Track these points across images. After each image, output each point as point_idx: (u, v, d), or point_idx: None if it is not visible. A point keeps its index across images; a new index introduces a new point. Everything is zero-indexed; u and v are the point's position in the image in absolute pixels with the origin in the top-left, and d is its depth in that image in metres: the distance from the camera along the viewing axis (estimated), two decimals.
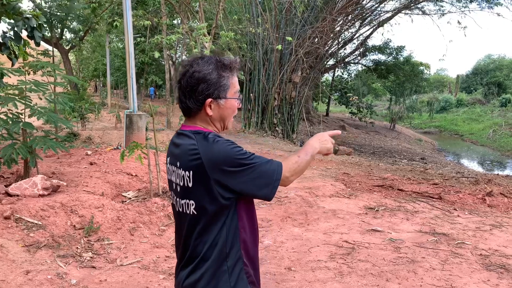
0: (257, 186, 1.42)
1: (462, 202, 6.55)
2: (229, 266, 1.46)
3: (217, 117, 1.53)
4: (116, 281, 3.53)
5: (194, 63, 1.49)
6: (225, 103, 1.52)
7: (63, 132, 11.07)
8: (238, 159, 1.40)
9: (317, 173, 9.11)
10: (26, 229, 4.05)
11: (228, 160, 1.40)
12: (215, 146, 1.42)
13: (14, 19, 6.20)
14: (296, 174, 1.51)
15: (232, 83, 1.53)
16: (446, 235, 4.99)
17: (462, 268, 4.01)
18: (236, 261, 1.48)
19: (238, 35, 13.40)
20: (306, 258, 4.25)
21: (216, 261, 1.45)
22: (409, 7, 20.21)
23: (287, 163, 1.50)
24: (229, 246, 1.46)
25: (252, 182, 1.41)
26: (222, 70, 1.50)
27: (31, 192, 4.67)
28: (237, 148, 1.43)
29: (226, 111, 1.54)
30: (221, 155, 1.40)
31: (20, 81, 5.00)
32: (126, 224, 4.63)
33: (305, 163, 1.54)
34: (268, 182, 1.43)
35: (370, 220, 5.65)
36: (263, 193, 1.44)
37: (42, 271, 3.49)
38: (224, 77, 1.50)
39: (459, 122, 31.83)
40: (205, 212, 1.46)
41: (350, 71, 30.93)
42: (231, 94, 1.53)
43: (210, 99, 1.48)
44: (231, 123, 1.60)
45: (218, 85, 1.49)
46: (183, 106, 1.52)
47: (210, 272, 1.45)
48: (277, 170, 1.45)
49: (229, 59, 1.53)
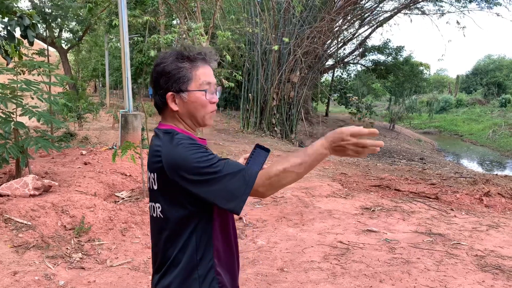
0: (222, 198, 1.29)
1: (459, 203, 6.49)
2: (200, 275, 1.38)
3: (185, 112, 1.42)
4: (104, 282, 3.48)
5: (159, 57, 1.43)
6: (188, 97, 1.40)
7: (60, 132, 11.01)
8: (199, 167, 1.28)
9: (314, 173, 9.06)
10: (15, 230, 4.00)
11: (187, 167, 1.29)
12: (175, 149, 1.32)
13: (8, 18, 6.16)
14: (275, 188, 1.32)
15: (195, 74, 1.40)
16: (442, 236, 4.93)
17: (457, 269, 3.95)
18: (208, 270, 1.39)
19: (236, 35, 13.36)
20: (300, 259, 4.19)
21: (186, 268, 1.37)
22: (409, 7, 20.17)
23: (265, 174, 1.31)
24: (200, 254, 1.38)
25: (216, 193, 1.28)
26: (180, 62, 1.39)
27: (22, 192, 4.62)
28: (200, 154, 1.31)
29: (191, 105, 1.41)
30: (180, 161, 1.30)
31: (11, 80, 4.95)
32: (118, 225, 4.58)
33: (294, 176, 1.31)
34: (235, 195, 1.28)
35: (366, 220, 5.59)
36: (229, 207, 1.30)
37: (30, 272, 3.44)
38: (183, 68, 1.39)
39: (458, 122, 31.75)
40: (171, 216, 1.38)
41: (350, 71, 30.90)
42: (195, 86, 1.40)
43: (170, 93, 1.39)
44: (207, 119, 1.47)
45: (177, 78, 1.38)
46: (154, 103, 1.46)
47: (180, 279, 1.38)
48: (248, 182, 1.29)
49: (190, 49, 1.42)
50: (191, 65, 1.41)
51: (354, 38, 23.29)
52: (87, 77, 31.12)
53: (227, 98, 24.17)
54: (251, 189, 1.30)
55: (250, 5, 16.08)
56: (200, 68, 1.42)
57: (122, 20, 7.53)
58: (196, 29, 10.05)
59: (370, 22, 21.12)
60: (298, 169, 1.30)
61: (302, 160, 1.30)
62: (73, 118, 12.89)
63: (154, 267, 1.50)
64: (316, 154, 1.31)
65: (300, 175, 1.31)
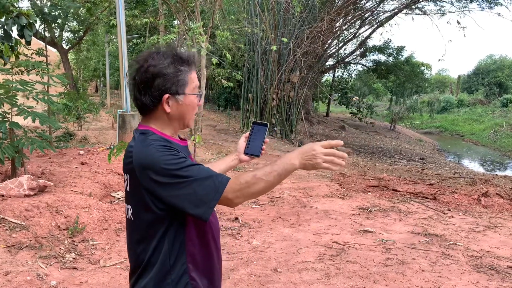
0: (190, 204, 1.27)
1: (457, 203, 6.47)
2: (173, 279, 1.37)
3: (176, 114, 1.43)
4: (97, 282, 3.47)
5: (149, 58, 1.39)
6: (184, 99, 1.42)
7: (59, 132, 11.02)
8: (168, 169, 1.27)
9: (312, 173, 9.04)
10: (8, 230, 3.99)
11: (156, 168, 1.27)
12: (146, 150, 1.31)
13: (5, 17, 6.17)
14: (244, 196, 1.31)
15: (190, 78, 1.44)
16: (438, 236, 4.91)
17: (452, 270, 3.93)
18: (181, 274, 1.38)
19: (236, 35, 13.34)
20: (294, 259, 4.18)
21: (159, 272, 1.37)
22: (410, 7, 20.12)
23: (236, 181, 1.30)
24: (173, 259, 1.37)
25: (184, 198, 1.27)
26: (180, 64, 1.41)
27: (17, 192, 4.61)
28: (171, 156, 1.29)
29: (186, 107, 1.44)
30: (148, 161, 1.29)
31: (6, 80, 4.95)
32: (113, 225, 4.58)
33: (262, 185, 1.31)
34: (203, 201, 1.27)
35: (362, 220, 5.58)
36: (196, 213, 1.28)
37: (22, 272, 3.43)
38: (182, 71, 1.41)
39: (460, 123, 31.68)
40: (141, 219, 1.37)
41: (350, 71, 30.84)
42: (190, 89, 1.43)
43: (167, 95, 1.39)
44: (192, 121, 1.50)
45: (176, 80, 1.39)
46: (138, 103, 1.42)
47: (154, 282, 1.37)
48: (217, 188, 1.28)
49: (187, 53, 1.44)
50: (188, 69, 1.43)
51: (355, 38, 23.27)
52: (88, 77, 31.14)
53: (227, 98, 24.16)
54: (220, 196, 1.29)
55: (250, 5, 16.06)
56: (193, 72, 1.46)
57: (119, 21, 7.54)
58: (195, 29, 10.03)
59: (370, 22, 21.07)
60: (267, 178, 1.31)
61: (271, 169, 1.33)
62: (72, 118, 12.90)
63: (130, 269, 1.49)
64: (286, 164, 1.33)
65: (269, 184, 1.32)
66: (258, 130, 1.64)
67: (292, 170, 1.34)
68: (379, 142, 21.53)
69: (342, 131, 23.75)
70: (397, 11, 19.98)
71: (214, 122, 19.91)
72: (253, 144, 1.65)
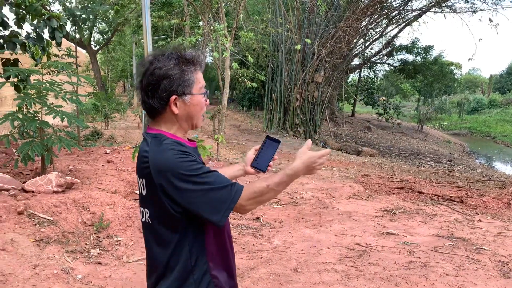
0: (206, 210, 1.32)
1: (485, 206, 6.28)
2: (195, 279, 1.40)
3: (184, 115, 1.44)
4: (120, 277, 3.56)
5: (155, 60, 1.41)
6: (191, 100, 1.43)
7: (87, 131, 11.34)
8: (187, 175, 1.30)
9: (336, 175, 8.96)
10: (37, 224, 4.14)
11: (174, 173, 1.30)
12: (163, 155, 1.33)
13: (37, 20, 6.41)
14: (256, 203, 1.38)
15: (196, 78, 1.45)
16: (465, 240, 4.79)
17: (478, 275, 3.82)
18: (203, 273, 1.42)
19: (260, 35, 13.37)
20: (314, 260, 4.16)
21: (181, 273, 1.39)
22: (438, 5, 19.63)
23: (249, 190, 1.36)
24: (194, 259, 1.40)
25: (201, 204, 1.31)
26: (185, 65, 1.42)
27: (46, 189, 4.78)
28: (189, 162, 1.32)
29: (193, 108, 1.45)
30: (167, 166, 1.31)
31: (37, 80, 5.14)
32: (136, 222, 4.67)
33: (272, 194, 1.40)
34: (219, 209, 1.32)
35: (385, 222, 5.49)
36: (212, 219, 1.33)
37: (50, 265, 3.55)
38: (187, 71, 1.42)
39: (491, 124, 30.69)
40: (159, 222, 1.40)
41: (377, 71, 30.37)
42: (196, 89, 1.44)
43: (174, 96, 1.40)
44: (200, 121, 1.51)
45: (182, 81, 1.40)
46: (147, 106, 1.43)
47: (176, 284, 1.40)
48: (232, 197, 1.33)
49: (191, 53, 1.44)
50: (194, 69, 1.44)
51: (381, 37, 22.90)
52: (116, 77, 31.85)
53: (251, 98, 24.25)
54: (235, 204, 1.34)
55: (274, 5, 16.06)
56: (199, 71, 1.46)
57: (145, 22, 7.68)
58: (219, 30, 10.12)
59: (397, 21, 20.69)
60: (277, 188, 1.40)
61: (281, 180, 1.41)
62: (100, 118, 13.24)
63: (149, 271, 1.52)
64: (293, 176, 1.43)
65: (277, 193, 1.43)
66: (270, 145, 1.62)
67: (295, 179, 1.45)
68: (405, 143, 21.12)
69: (368, 131, 23.42)
70: (425, 9, 19.55)
71: (237, 122, 20.02)
72: (262, 158, 1.63)
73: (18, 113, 4.94)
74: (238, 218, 5.45)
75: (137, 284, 3.46)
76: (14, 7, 6.36)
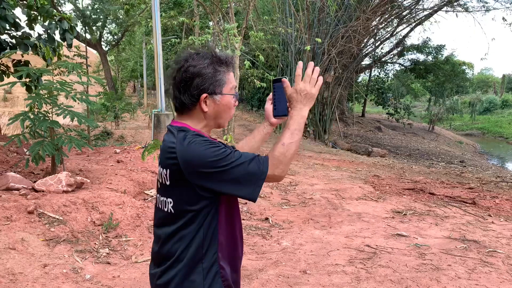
0: (238, 186, 1.36)
1: (498, 208, 6.17)
2: (204, 268, 1.42)
3: (212, 114, 1.48)
4: (128, 277, 3.56)
5: (190, 58, 1.45)
6: (221, 99, 1.47)
7: (97, 131, 11.42)
8: (215, 161, 1.34)
9: (346, 175, 8.89)
10: (47, 224, 4.16)
11: (203, 162, 1.34)
12: (190, 147, 1.37)
13: (48, 22, 6.46)
14: (284, 165, 1.41)
15: (228, 78, 1.48)
16: (477, 242, 4.70)
17: (491, 278, 3.75)
18: (212, 263, 1.43)
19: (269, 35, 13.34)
20: (324, 262, 4.12)
21: (191, 261, 1.41)
22: (450, 4, 19.39)
23: (272, 157, 1.40)
24: (206, 248, 1.42)
25: (232, 183, 1.35)
26: (218, 65, 1.46)
27: (56, 188, 4.81)
28: (214, 148, 1.36)
29: (222, 107, 1.49)
30: (196, 158, 1.35)
31: (48, 81, 5.18)
32: (145, 222, 4.68)
33: (293, 146, 1.42)
34: (251, 182, 1.36)
35: (396, 224, 5.43)
36: (245, 193, 1.37)
37: (59, 265, 3.56)
38: (220, 72, 1.46)
39: (504, 124, 30.25)
40: (183, 211, 1.42)
41: (387, 70, 30.11)
42: (227, 90, 1.48)
43: (205, 95, 1.44)
44: (226, 121, 1.54)
45: (214, 80, 1.44)
46: (178, 102, 1.48)
47: (184, 271, 1.41)
48: (261, 168, 1.37)
49: (225, 55, 1.48)
50: (226, 69, 1.48)
51: (392, 37, 22.70)
52: (126, 78, 32.08)
53: (261, 98, 24.21)
54: (266, 174, 1.38)
55: (284, 5, 16.01)
56: (231, 73, 1.50)
57: (155, 22, 7.71)
58: (230, 30, 10.11)
59: (408, 20, 20.48)
60: (294, 139, 1.43)
61: (292, 131, 1.44)
62: (110, 118, 13.33)
63: (155, 261, 1.53)
64: (300, 118, 1.46)
65: (298, 141, 1.44)
66: (279, 88, 1.60)
67: (305, 118, 1.48)
68: (416, 144, 20.91)
69: (378, 132, 23.24)
70: (436, 8, 19.33)
71: (247, 122, 20.01)
72: (279, 105, 1.63)
73: (29, 113, 4.97)
74: (247, 219, 5.43)
75: (145, 285, 3.46)
76: (26, 8, 6.42)
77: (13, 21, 6.17)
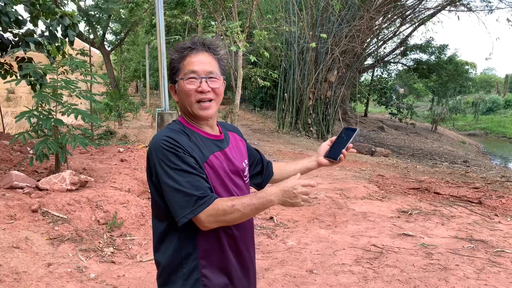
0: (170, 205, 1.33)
1: (504, 208, 6.11)
2: (184, 273, 1.38)
3: (180, 103, 1.49)
4: (133, 277, 3.53)
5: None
6: (178, 87, 1.47)
7: (101, 130, 11.40)
8: (163, 160, 1.32)
9: (350, 175, 8.84)
10: (51, 223, 4.13)
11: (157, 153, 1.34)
12: (156, 135, 1.41)
13: (50, 19, 6.43)
14: (216, 222, 1.32)
15: (183, 64, 1.45)
16: (485, 242, 4.65)
17: (500, 278, 3.70)
18: (192, 270, 1.38)
19: (272, 34, 13.30)
20: (330, 261, 4.07)
21: (171, 263, 1.40)
22: (454, 4, 19.32)
23: (214, 207, 1.30)
24: (184, 252, 1.38)
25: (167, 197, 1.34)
26: (174, 55, 1.47)
27: (60, 187, 4.78)
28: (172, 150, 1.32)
29: (181, 94, 1.47)
30: (153, 145, 1.36)
31: (52, 79, 5.15)
32: (150, 221, 4.64)
33: (238, 215, 1.31)
34: (177, 212, 1.31)
35: (402, 224, 5.38)
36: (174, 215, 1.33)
37: (63, 264, 3.53)
38: (174, 60, 1.47)
39: (507, 124, 30.15)
40: (155, 206, 1.44)
41: (390, 70, 30.04)
42: (181, 76, 1.46)
43: (171, 85, 1.51)
44: (195, 109, 1.44)
45: (171, 70, 1.48)
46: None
47: (167, 273, 1.42)
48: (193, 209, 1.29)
49: (186, 41, 1.49)
50: (179, 56, 1.45)
51: (395, 37, 22.66)
52: (129, 77, 32.08)
53: (263, 98, 24.18)
54: (194, 216, 1.30)
55: (288, 4, 15.97)
56: (187, 57, 1.45)
57: (159, 21, 7.68)
58: (233, 28, 10.09)
59: (411, 20, 20.44)
60: (244, 210, 1.31)
61: (250, 202, 1.31)
62: (113, 117, 13.32)
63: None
64: (265, 200, 1.32)
65: (244, 216, 1.32)
66: (346, 135, 1.60)
67: (269, 206, 1.34)
68: (419, 144, 20.84)
69: (381, 132, 23.18)
70: (439, 8, 19.27)
71: (249, 122, 19.97)
72: (335, 148, 1.61)
73: (34, 111, 4.95)
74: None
75: (150, 284, 3.42)
76: (29, 5, 6.39)
77: (14, 18, 6.14)
